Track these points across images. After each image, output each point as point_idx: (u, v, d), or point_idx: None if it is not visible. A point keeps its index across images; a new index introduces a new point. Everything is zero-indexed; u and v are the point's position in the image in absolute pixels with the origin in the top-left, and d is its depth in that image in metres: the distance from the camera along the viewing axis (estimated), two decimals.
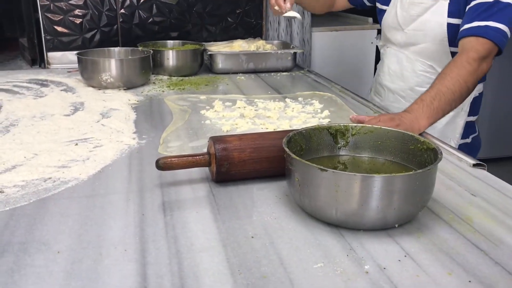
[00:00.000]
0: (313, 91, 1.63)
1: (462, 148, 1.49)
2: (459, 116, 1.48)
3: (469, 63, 1.21)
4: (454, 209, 0.83)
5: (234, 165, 0.90)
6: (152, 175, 0.94)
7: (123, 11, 2.04)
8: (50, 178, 0.93)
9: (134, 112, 1.37)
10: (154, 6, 2.07)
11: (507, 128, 3.37)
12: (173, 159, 0.87)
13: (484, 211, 0.83)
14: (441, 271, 0.65)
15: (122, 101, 1.46)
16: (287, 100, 1.51)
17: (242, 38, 2.10)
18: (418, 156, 0.85)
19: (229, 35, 2.17)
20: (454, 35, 1.36)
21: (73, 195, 0.87)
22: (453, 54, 1.39)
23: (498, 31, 1.24)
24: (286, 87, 1.71)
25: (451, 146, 1.11)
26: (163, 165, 0.86)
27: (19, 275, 0.64)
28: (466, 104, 1.46)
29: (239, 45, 1.97)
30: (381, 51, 1.69)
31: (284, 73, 1.91)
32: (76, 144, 1.10)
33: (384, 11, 1.59)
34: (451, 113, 1.41)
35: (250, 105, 1.44)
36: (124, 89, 1.61)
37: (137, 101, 1.49)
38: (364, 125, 0.94)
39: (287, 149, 0.80)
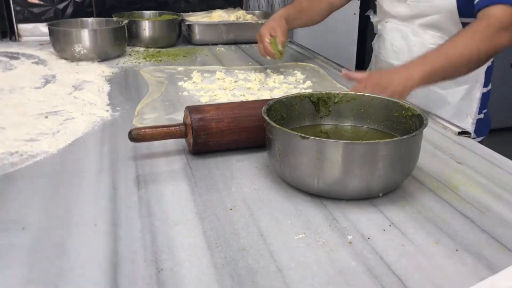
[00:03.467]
0: (295, 62, 1.59)
1: (478, 124, 1.37)
2: (475, 89, 1.34)
3: (487, 28, 1.07)
4: (440, 177, 0.80)
5: (212, 135, 0.85)
6: (126, 148, 0.89)
7: None
8: (17, 152, 0.87)
9: (108, 84, 1.31)
10: None
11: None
12: (147, 130, 0.83)
13: (470, 178, 0.80)
14: (427, 240, 0.63)
15: (96, 73, 1.40)
16: (268, 71, 1.46)
17: (222, 8, 2.03)
18: (403, 123, 0.82)
19: (208, 5, 2.10)
20: (464, 4, 1.21)
21: (42, 169, 0.82)
22: (465, 25, 1.22)
23: None
24: (267, 58, 1.65)
25: (435, 115, 1.08)
26: (136, 136, 0.82)
27: None
28: (480, 76, 1.34)
29: (219, 15, 1.90)
30: (379, 27, 1.51)
31: None
32: (46, 117, 1.04)
33: None
34: (466, 86, 1.31)
35: (230, 76, 1.39)
36: (98, 61, 1.54)
37: (112, 73, 1.43)
38: (347, 92, 0.90)
39: (266, 118, 0.76)
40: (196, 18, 1.88)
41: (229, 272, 0.56)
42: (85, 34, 1.53)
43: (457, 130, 0.99)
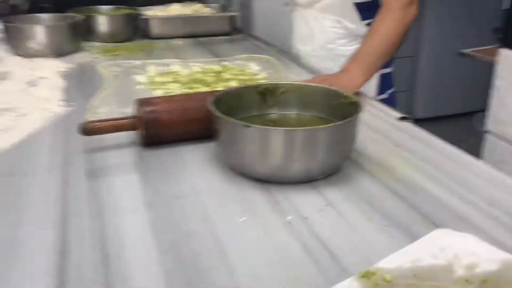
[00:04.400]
0: (251, 54, 1.62)
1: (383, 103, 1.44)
2: None
3: (394, 12, 1.21)
4: (378, 159, 0.85)
5: (163, 127, 0.88)
6: (78, 142, 0.91)
7: None
8: None
9: (64, 80, 1.32)
10: None
11: (444, 88, 3.49)
12: (96, 123, 0.85)
13: (406, 160, 0.86)
14: (360, 217, 0.68)
15: (51, 69, 1.40)
16: (224, 63, 1.49)
17: (179, 2, 2.04)
18: (342, 110, 0.86)
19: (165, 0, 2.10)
20: None
21: None
22: (358, 5, 1.40)
23: None
24: (224, 51, 1.68)
25: (378, 101, 1.13)
26: (86, 130, 0.84)
27: None
28: None
29: (176, 9, 1.92)
30: (292, 15, 1.64)
31: (222, 37, 1.88)
32: None
33: None
34: None
35: (186, 69, 1.41)
36: (54, 57, 1.54)
37: (68, 68, 1.43)
38: (292, 82, 0.94)
39: (212, 108, 0.79)
40: (153, 12, 1.89)
41: (174, 255, 0.60)
42: (40, 30, 1.53)
43: (398, 115, 1.04)
